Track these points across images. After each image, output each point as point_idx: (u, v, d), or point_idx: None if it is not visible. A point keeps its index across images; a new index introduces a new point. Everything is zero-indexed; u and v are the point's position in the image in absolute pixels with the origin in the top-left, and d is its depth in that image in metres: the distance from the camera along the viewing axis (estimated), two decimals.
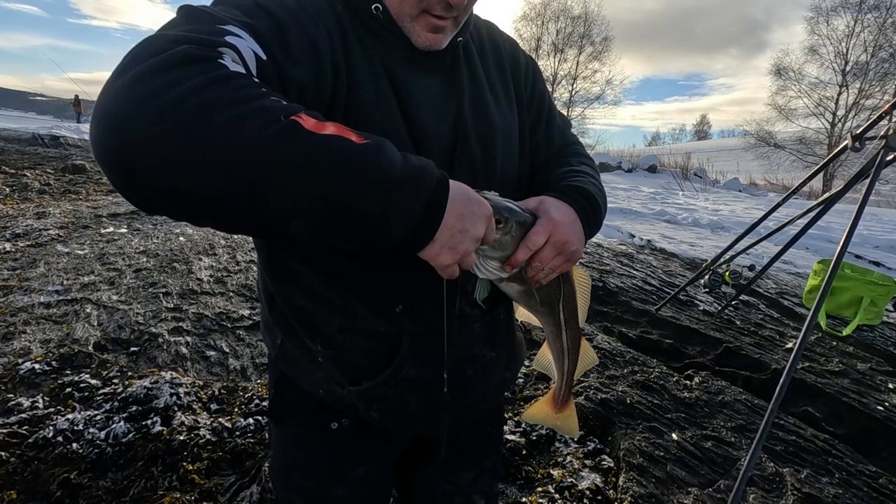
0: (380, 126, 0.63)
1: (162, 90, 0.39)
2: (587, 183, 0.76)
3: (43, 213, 4.32)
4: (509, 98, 0.82)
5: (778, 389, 1.45)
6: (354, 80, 0.62)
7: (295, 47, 0.55)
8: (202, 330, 2.28)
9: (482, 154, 0.74)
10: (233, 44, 0.48)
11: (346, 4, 0.66)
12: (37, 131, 13.89)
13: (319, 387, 0.77)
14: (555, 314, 0.75)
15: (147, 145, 0.38)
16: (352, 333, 0.72)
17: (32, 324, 2.17)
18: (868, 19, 23.07)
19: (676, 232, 4.93)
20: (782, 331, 2.84)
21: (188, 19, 0.51)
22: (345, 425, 0.80)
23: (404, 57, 0.68)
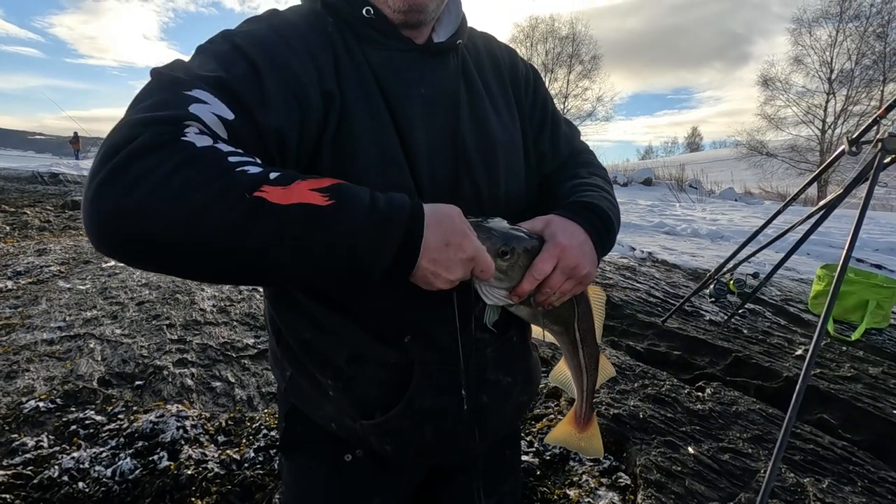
0: (375, 147, 0.63)
1: (132, 186, 0.42)
2: (598, 198, 0.74)
3: (44, 250, 4.33)
4: (510, 109, 0.80)
5: (794, 398, 1.43)
6: (348, 105, 0.63)
7: (271, 92, 0.55)
8: (207, 361, 2.26)
9: (484, 170, 0.72)
10: (195, 115, 0.49)
11: (338, 17, 0.67)
12: (36, 169, 14.01)
13: (332, 420, 0.75)
14: (570, 333, 0.73)
15: (127, 238, 0.43)
16: (361, 364, 0.71)
17: (36, 361, 2.15)
18: (850, 28, 23.62)
19: (676, 243, 4.94)
20: (791, 338, 2.82)
21: (156, 90, 0.52)
22: (359, 457, 0.78)
23: (399, 60, 0.67)
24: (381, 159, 0.63)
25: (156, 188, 0.42)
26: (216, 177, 0.44)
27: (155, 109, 0.48)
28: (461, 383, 0.71)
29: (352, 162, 0.62)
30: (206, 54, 0.57)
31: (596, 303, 0.76)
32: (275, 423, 1.82)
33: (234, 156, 0.47)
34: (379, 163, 0.63)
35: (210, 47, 0.58)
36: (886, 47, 22.88)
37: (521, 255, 0.61)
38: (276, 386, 2.10)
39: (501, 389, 0.78)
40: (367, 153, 0.63)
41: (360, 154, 0.62)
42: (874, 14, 23.09)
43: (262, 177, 0.46)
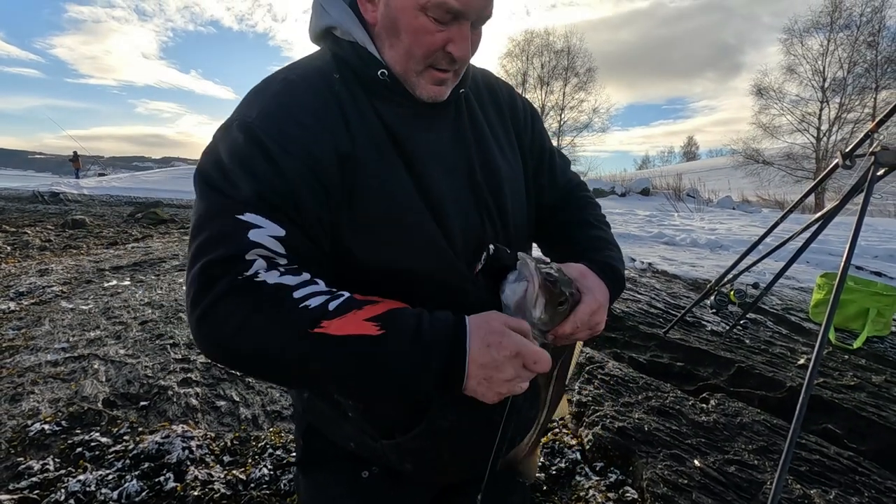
0: (389, 191, 0.66)
1: (220, 328, 0.55)
2: (617, 260, 0.79)
3: (46, 270, 4.34)
4: (511, 144, 0.84)
5: (798, 409, 1.44)
6: (362, 160, 0.66)
7: (304, 193, 0.62)
8: (211, 380, 2.26)
9: (494, 203, 0.75)
10: (256, 241, 0.58)
11: (351, 73, 0.70)
12: (37, 189, 14.08)
13: (350, 440, 0.77)
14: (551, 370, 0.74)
15: (222, 361, 0.60)
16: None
17: (40, 383, 2.15)
18: (841, 38, 23.95)
19: (676, 253, 4.96)
20: (793, 347, 2.82)
21: (212, 216, 0.60)
22: (375, 473, 0.80)
23: (409, 114, 0.71)
24: (402, 209, 0.66)
25: (236, 332, 0.54)
26: (284, 320, 0.54)
27: (219, 244, 0.57)
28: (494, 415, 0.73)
29: (373, 215, 0.66)
30: (233, 153, 0.62)
31: (577, 346, 0.79)
32: (280, 442, 1.82)
33: (300, 288, 0.57)
34: (401, 212, 0.66)
35: (233, 144, 0.63)
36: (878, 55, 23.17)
37: (572, 305, 0.65)
38: (280, 404, 2.10)
39: (525, 423, 0.81)
40: (387, 205, 0.66)
41: (381, 206, 0.66)
42: (864, 23, 23.43)
43: (322, 311, 0.55)
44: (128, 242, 6.57)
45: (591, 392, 2.27)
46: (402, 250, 0.66)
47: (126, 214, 9.93)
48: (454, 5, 0.63)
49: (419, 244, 0.66)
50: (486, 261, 0.72)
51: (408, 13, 0.64)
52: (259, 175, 0.60)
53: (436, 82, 0.70)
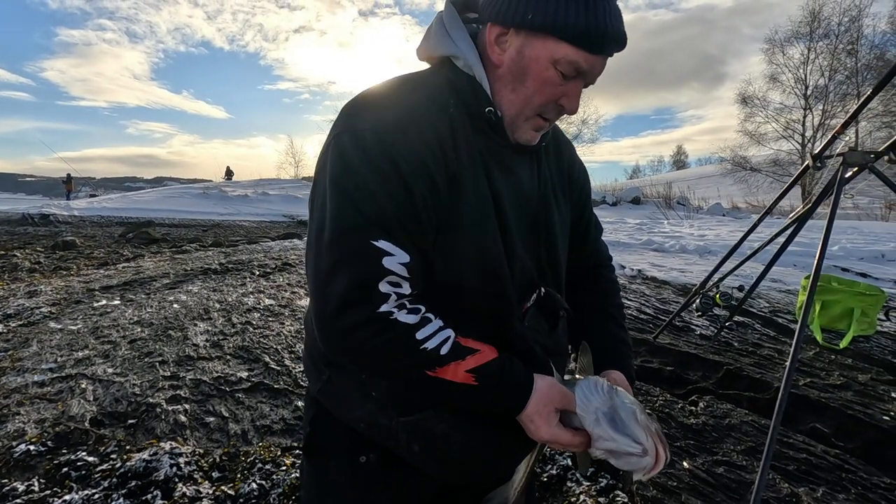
0: (480, 216, 0.72)
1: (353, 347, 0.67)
2: (633, 366, 0.89)
3: (34, 292, 4.31)
4: (566, 199, 0.91)
5: (777, 408, 1.46)
6: (465, 184, 0.71)
7: (425, 216, 0.68)
8: (200, 396, 2.25)
9: (546, 252, 0.83)
10: (388, 269, 0.65)
11: (462, 104, 0.74)
12: (27, 211, 13.99)
13: (362, 420, 0.79)
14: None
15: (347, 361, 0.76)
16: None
17: (26, 404, 2.13)
18: (821, 46, 24.49)
19: (665, 260, 5.01)
20: (781, 349, 2.85)
21: (346, 237, 0.66)
22: (372, 460, 0.82)
23: (502, 153, 0.77)
24: (485, 235, 0.72)
25: (367, 356, 0.68)
26: (408, 360, 0.67)
27: (356, 266, 0.65)
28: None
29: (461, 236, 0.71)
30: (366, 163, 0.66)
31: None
32: (269, 457, 1.81)
33: (420, 328, 0.67)
34: (484, 237, 0.72)
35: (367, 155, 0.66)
36: (857, 63, 23.69)
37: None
38: (270, 419, 2.09)
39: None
40: (475, 229, 0.72)
41: (470, 230, 0.71)
42: (843, 32, 23.99)
43: (436, 356, 0.67)
44: (119, 262, 6.53)
45: None
46: (473, 273, 0.72)
47: (117, 235, 9.88)
48: (583, 66, 0.70)
49: (489, 271, 0.73)
50: (536, 301, 0.79)
51: (540, 64, 0.70)
52: (392, 197, 0.65)
53: (536, 129, 0.76)
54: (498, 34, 0.72)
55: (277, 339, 2.98)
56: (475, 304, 0.73)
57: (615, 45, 0.72)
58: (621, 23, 0.72)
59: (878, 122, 21.19)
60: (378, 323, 0.65)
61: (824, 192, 1.63)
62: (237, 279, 4.69)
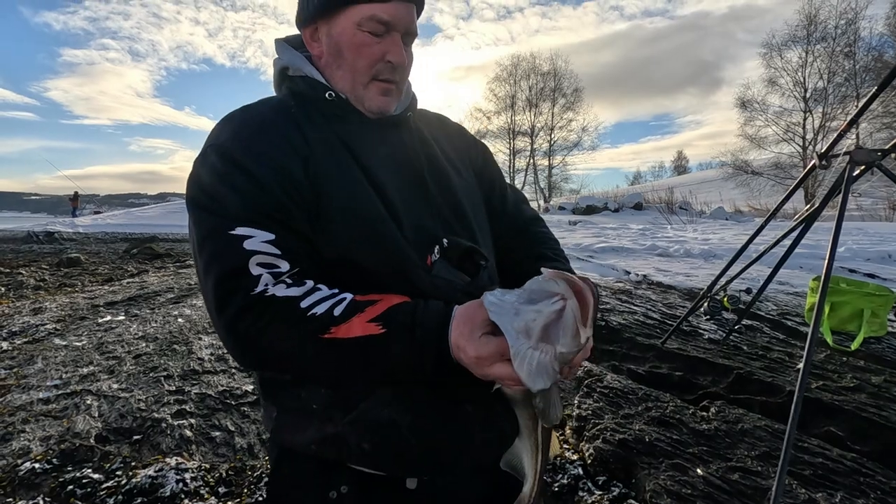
0: (347, 189, 0.72)
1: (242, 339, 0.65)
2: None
3: (39, 309, 4.31)
4: (463, 164, 0.92)
5: (792, 412, 1.44)
6: (323, 167, 0.73)
7: (282, 198, 0.69)
8: (206, 410, 2.23)
9: (449, 208, 0.81)
10: (252, 250, 0.65)
11: (303, 101, 0.79)
12: (32, 229, 14.08)
13: (313, 441, 0.75)
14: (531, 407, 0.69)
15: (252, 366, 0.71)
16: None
17: (31, 422, 2.11)
18: (818, 50, 24.60)
19: (670, 264, 4.98)
20: (791, 351, 2.82)
21: (209, 238, 0.68)
22: (343, 493, 0.77)
23: (362, 130, 0.78)
24: (357, 202, 0.72)
25: (257, 344, 0.64)
26: (296, 330, 0.63)
27: (222, 260, 0.65)
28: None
29: (334, 211, 0.71)
30: (213, 175, 0.70)
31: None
32: None
33: (305, 297, 0.64)
34: (356, 205, 0.72)
35: (212, 168, 0.71)
36: (855, 65, 23.77)
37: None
38: None
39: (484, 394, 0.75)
40: (345, 201, 0.72)
41: (340, 202, 0.71)
42: (840, 35, 24.11)
43: (329, 317, 0.62)
44: (123, 278, 6.55)
45: (590, 405, 2.25)
46: (358, 242, 0.71)
47: (121, 251, 9.92)
48: (383, 17, 0.74)
49: (376, 234, 0.72)
50: (440, 252, 0.77)
51: (347, 33, 0.76)
52: (240, 190, 0.67)
53: (382, 93, 0.79)
54: (310, 34, 0.81)
55: None
56: (376, 271, 0.72)
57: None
58: None
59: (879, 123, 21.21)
60: (257, 305, 0.63)
61: (831, 191, 1.61)
62: None
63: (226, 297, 0.64)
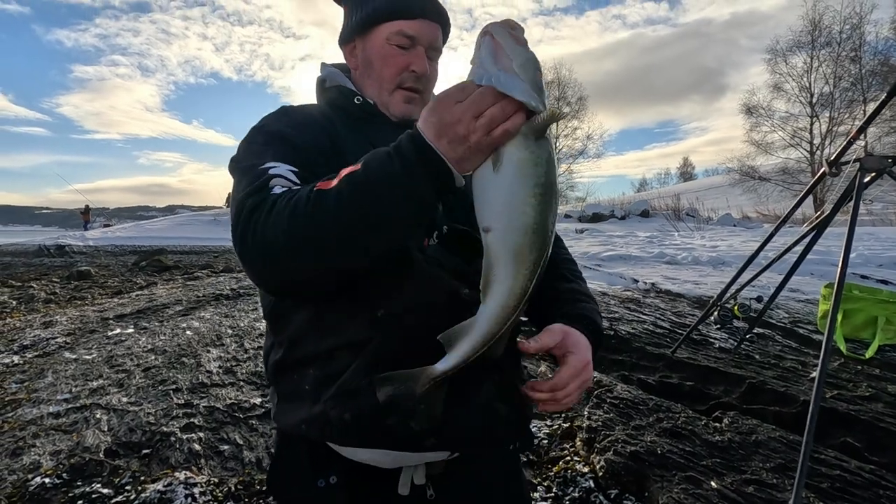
0: None
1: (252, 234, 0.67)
2: (593, 311, 0.87)
3: (50, 322, 4.35)
4: None
5: (808, 423, 1.41)
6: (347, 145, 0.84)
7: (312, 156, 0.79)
8: (214, 423, 2.23)
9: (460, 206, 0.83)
10: (276, 174, 0.72)
11: (336, 107, 0.91)
12: (42, 243, 14.24)
13: (304, 421, 0.78)
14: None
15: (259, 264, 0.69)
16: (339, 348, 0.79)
17: (42, 436, 2.12)
18: (823, 54, 24.53)
19: (678, 272, 4.94)
20: (804, 360, 2.77)
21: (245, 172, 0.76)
22: (332, 483, 0.82)
23: (390, 134, 0.81)
24: None
25: (264, 230, 0.65)
26: (288, 199, 0.65)
27: (250, 184, 0.72)
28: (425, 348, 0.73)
29: None
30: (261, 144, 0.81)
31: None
32: None
33: (300, 185, 0.71)
34: None
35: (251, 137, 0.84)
36: (862, 69, 23.66)
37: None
38: None
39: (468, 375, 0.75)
40: None
41: None
42: (845, 40, 24.03)
43: (311, 188, 0.66)
44: (132, 291, 6.60)
45: (600, 416, 2.22)
46: None
47: (131, 263, 10.00)
48: (409, 31, 0.86)
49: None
50: (438, 237, 0.82)
51: (377, 46, 0.88)
52: (274, 146, 0.78)
53: (405, 100, 0.89)
54: (349, 51, 0.95)
55: None
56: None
57: (429, 10, 0.89)
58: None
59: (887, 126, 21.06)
60: (260, 206, 0.67)
61: (842, 198, 1.60)
62: (249, 304, 4.70)
63: (249, 196, 0.69)
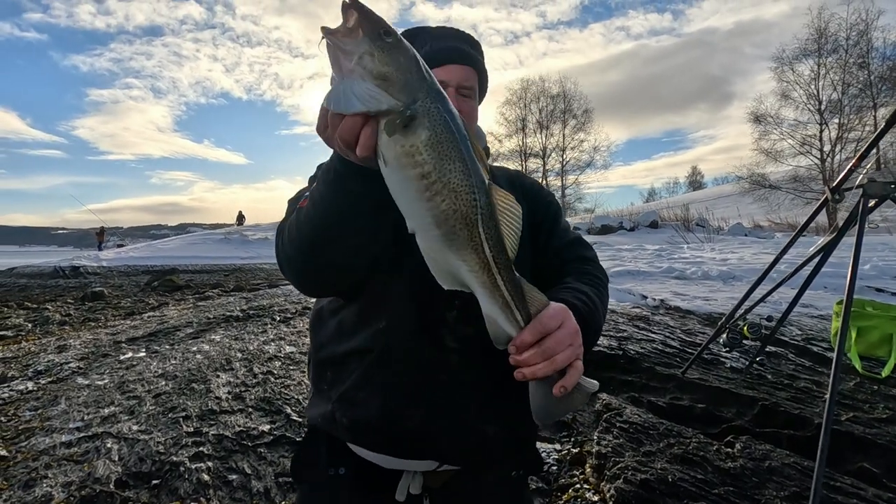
0: None
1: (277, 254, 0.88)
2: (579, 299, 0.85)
3: (64, 346, 4.41)
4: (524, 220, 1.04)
5: (820, 450, 1.39)
6: None
7: None
8: (223, 452, 2.24)
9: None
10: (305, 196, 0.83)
11: None
12: (58, 264, 14.50)
13: (320, 415, 0.94)
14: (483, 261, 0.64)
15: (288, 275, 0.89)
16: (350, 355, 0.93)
17: (54, 466, 2.14)
18: (830, 61, 24.41)
19: (688, 288, 4.90)
20: (818, 380, 2.72)
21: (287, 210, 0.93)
22: (341, 474, 0.95)
23: None
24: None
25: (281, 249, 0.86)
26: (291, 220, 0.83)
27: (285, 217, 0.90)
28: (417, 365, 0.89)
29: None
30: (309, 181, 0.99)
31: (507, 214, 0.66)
32: None
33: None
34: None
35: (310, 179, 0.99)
36: (870, 75, 23.50)
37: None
38: None
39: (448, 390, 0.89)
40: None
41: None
42: (852, 46, 23.92)
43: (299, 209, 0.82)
44: (144, 312, 6.68)
45: (610, 442, 2.20)
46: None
47: (143, 283, 10.14)
48: (440, 77, 0.89)
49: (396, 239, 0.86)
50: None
51: None
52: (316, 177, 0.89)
53: None
54: None
55: (299, 388, 2.97)
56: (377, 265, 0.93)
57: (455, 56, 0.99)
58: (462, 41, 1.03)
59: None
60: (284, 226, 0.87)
61: (847, 223, 1.59)
62: (258, 326, 4.74)
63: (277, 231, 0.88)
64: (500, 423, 0.91)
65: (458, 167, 0.60)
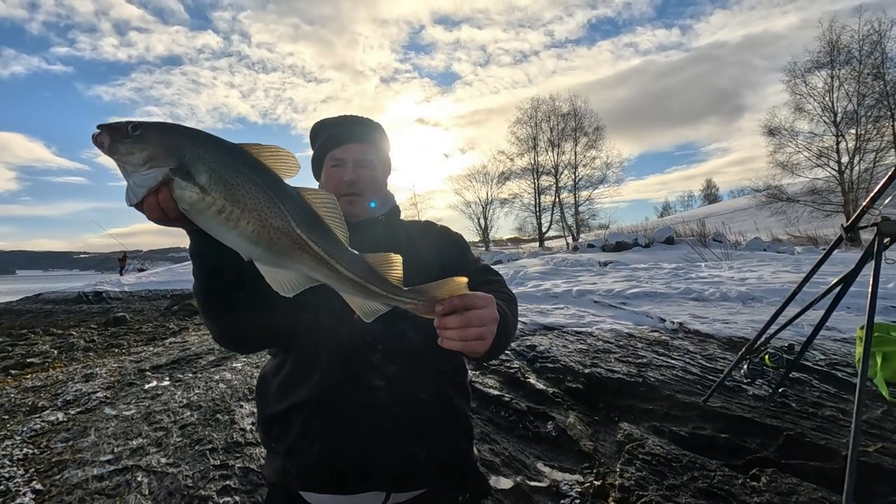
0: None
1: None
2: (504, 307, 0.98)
3: (90, 375, 4.52)
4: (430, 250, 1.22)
5: (846, 487, 1.38)
6: None
7: None
8: (249, 486, 2.28)
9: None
10: None
11: None
12: (82, 290, 14.87)
13: (273, 471, 1.06)
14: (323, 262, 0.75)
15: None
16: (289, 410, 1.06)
17: (87, 501, 2.21)
18: (844, 73, 24.20)
19: (707, 310, 4.85)
20: (844, 408, 2.68)
21: None
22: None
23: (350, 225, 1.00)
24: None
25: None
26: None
27: None
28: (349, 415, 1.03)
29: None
30: None
31: (325, 208, 0.76)
32: None
33: None
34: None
35: None
36: (886, 85, 23.21)
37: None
38: None
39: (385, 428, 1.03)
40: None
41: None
42: (865, 56, 23.71)
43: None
44: (165, 337, 6.81)
45: (633, 475, 2.19)
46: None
47: (163, 308, 10.33)
48: (339, 155, 1.20)
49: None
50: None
51: (325, 171, 1.24)
52: None
53: (347, 203, 1.17)
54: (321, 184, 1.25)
55: None
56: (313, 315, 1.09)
57: (349, 137, 1.20)
58: (356, 125, 1.24)
59: None
60: None
61: (864, 257, 1.60)
62: None
63: None
64: (431, 445, 1.05)
65: (251, 189, 0.67)
